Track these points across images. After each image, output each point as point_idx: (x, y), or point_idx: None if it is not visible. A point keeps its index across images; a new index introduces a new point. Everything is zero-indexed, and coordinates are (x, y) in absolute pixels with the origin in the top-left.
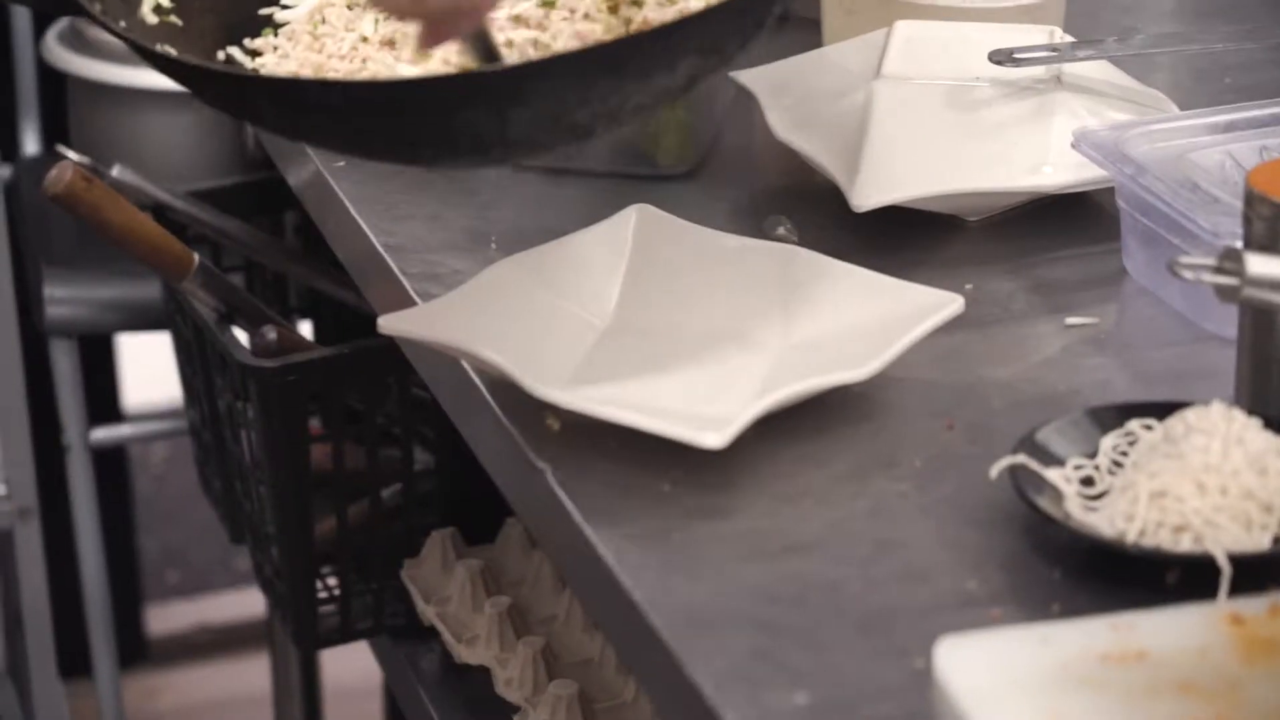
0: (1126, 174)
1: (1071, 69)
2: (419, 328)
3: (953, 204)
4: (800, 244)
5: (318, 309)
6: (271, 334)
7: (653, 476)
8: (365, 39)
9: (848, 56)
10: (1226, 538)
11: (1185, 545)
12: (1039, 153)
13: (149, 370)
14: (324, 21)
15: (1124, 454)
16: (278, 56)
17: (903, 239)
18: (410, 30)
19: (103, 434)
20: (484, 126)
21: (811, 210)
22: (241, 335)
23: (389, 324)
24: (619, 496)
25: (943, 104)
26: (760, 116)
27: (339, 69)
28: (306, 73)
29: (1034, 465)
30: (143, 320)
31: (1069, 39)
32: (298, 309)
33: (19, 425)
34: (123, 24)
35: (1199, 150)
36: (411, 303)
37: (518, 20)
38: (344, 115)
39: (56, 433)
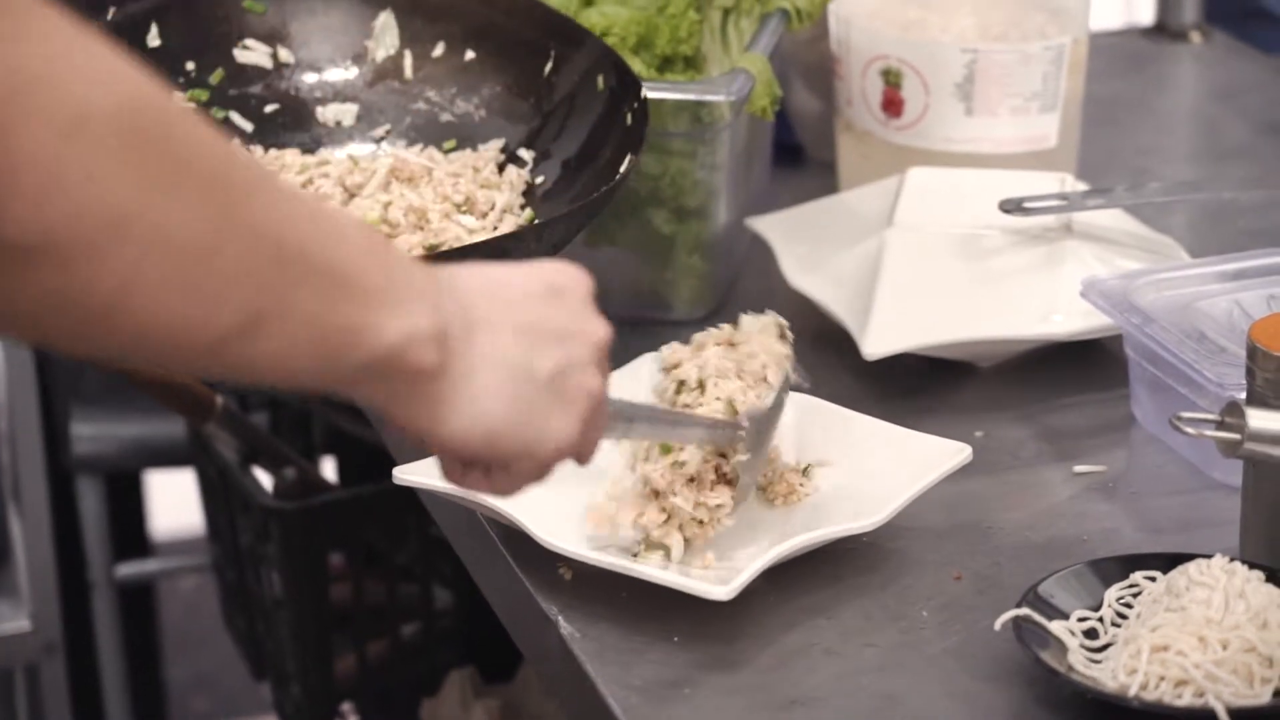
0: (1134, 323)
1: (1082, 216)
2: (433, 478)
3: (963, 351)
4: (813, 390)
5: (341, 446)
6: (292, 475)
7: (662, 627)
8: None
9: (861, 203)
10: (1228, 692)
11: (1187, 699)
12: (1049, 301)
13: (180, 497)
14: None
15: (1128, 605)
16: None
17: (914, 385)
18: None
19: (128, 569)
20: None
21: (824, 356)
22: (264, 476)
23: (404, 474)
24: (629, 647)
25: (954, 252)
26: (775, 262)
27: None
28: None
29: (1038, 618)
30: (169, 457)
31: (1080, 186)
32: (321, 446)
33: (44, 561)
34: None
35: (1207, 299)
36: (427, 449)
37: None
38: None
39: (83, 567)
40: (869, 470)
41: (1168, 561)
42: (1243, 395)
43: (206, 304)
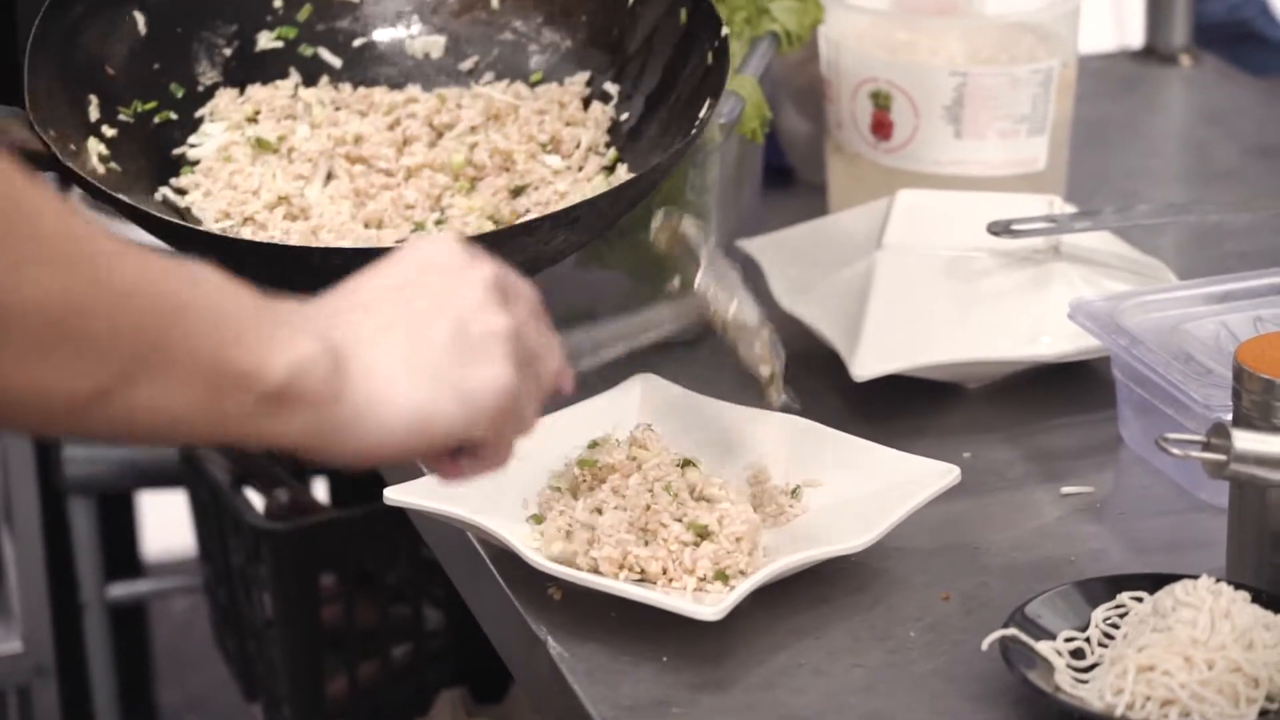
0: (1121, 345)
1: (1070, 238)
2: (424, 499)
3: (952, 372)
4: (802, 411)
5: (332, 468)
6: (284, 496)
7: (651, 647)
8: (273, 175)
9: (851, 225)
10: (1213, 712)
11: (1173, 719)
12: (1037, 323)
13: (172, 519)
14: (231, 159)
15: (1115, 626)
16: (202, 194)
17: (903, 406)
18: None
19: (120, 590)
20: None
21: (814, 378)
22: (256, 497)
23: (395, 495)
24: (618, 667)
25: (943, 274)
26: (766, 284)
27: (255, 204)
28: (224, 205)
29: (1025, 638)
30: (161, 478)
31: (1068, 209)
32: (312, 467)
33: (36, 583)
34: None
35: (1194, 320)
36: (419, 470)
37: None
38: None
39: (75, 588)
40: (858, 491)
41: (1154, 582)
42: (1229, 417)
43: (79, 364)
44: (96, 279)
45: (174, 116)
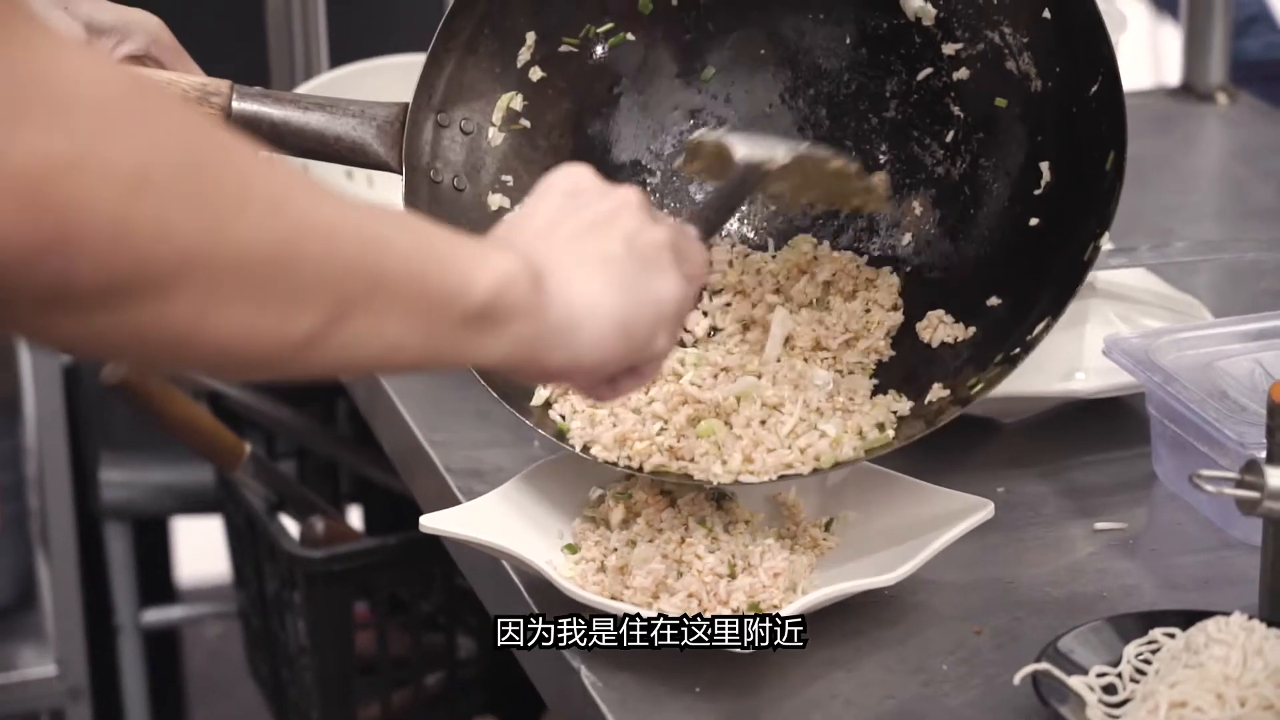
0: (1156, 381)
1: (1106, 274)
2: (459, 527)
3: (987, 407)
4: None
5: (368, 495)
6: (319, 524)
7: (685, 677)
8: None
9: None
10: None
11: None
12: (1073, 358)
13: (207, 544)
14: None
15: (1146, 662)
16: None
17: (937, 441)
18: None
19: (154, 615)
20: None
21: None
22: (291, 523)
23: (431, 523)
24: (651, 697)
25: None
26: None
27: None
28: None
29: (1057, 673)
30: (197, 504)
31: (1104, 245)
32: (348, 495)
33: (71, 606)
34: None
35: (1229, 358)
36: (454, 499)
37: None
38: None
39: (110, 613)
40: (891, 524)
41: (1187, 618)
42: (1263, 454)
43: (291, 309)
44: (302, 223)
45: (630, 38)
